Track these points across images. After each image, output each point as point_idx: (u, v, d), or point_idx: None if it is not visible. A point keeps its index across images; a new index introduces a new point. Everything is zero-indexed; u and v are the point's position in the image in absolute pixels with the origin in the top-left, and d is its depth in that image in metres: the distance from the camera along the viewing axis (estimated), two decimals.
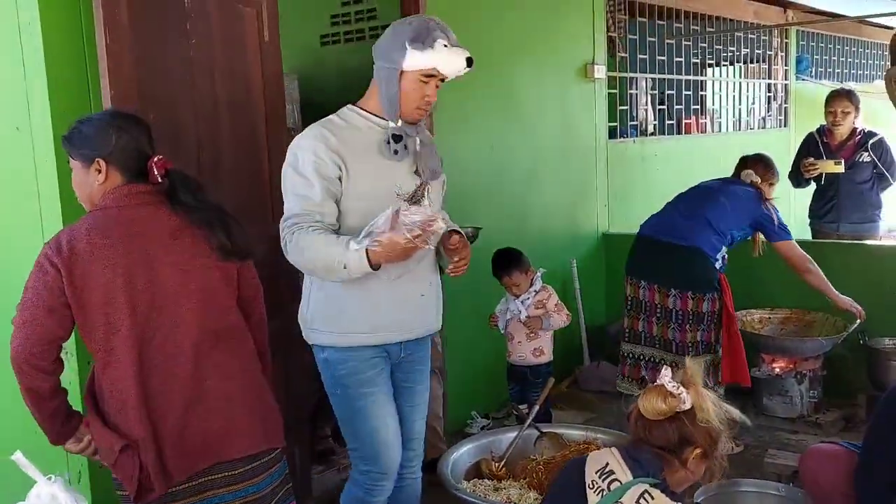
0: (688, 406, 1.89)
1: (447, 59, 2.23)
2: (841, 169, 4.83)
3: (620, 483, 1.85)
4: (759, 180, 3.91)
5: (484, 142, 4.37)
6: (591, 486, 1.89)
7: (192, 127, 2.68)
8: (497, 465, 3.04)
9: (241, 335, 2.11)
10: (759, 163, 4.00)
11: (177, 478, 1.95)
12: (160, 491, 1.93)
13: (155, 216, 1.99)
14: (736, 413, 2.00)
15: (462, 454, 2.98)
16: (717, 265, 3.75)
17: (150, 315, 1.94)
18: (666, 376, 1.90)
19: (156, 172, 2.00)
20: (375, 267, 2.10)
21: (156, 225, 1.98)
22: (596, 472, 1.90)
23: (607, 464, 1.91)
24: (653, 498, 1.81)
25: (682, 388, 1.89)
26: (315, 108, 4.26)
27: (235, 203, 2.40)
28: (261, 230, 2.62)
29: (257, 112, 2.93)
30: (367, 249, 2.06)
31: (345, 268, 2.10)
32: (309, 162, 2.23)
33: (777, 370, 4.07)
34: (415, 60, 2.22)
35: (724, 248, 3.79)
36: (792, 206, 7.23)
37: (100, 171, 1.99)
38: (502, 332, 3.76)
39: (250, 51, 2.91)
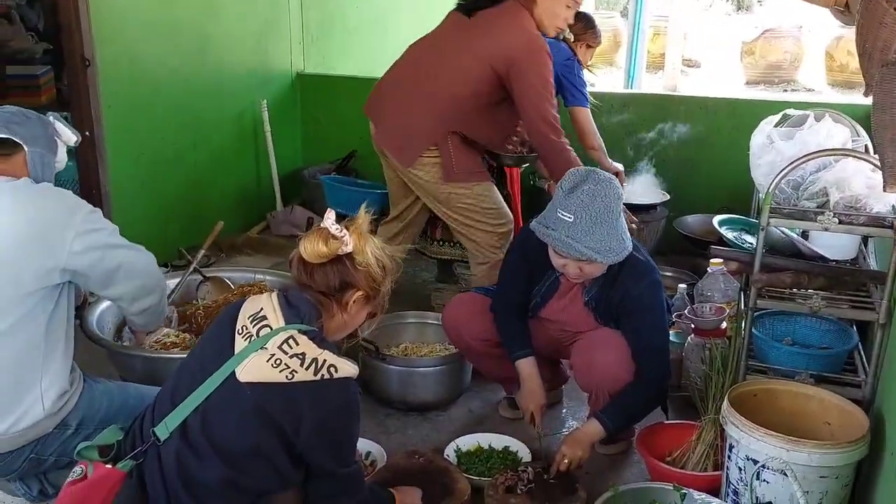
0: (349, 249, 1.81)
1: None
2: None
3: (271, 329, 1.76)
4: (571, 37, 3.70)
5: None
6: (240, 331, 1.78)
7: None
8: None
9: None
10: (578, 21, 3.53)
11: None
12: None
13: None
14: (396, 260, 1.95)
15: (110, 306, 2.73)
16: None
17: None
18: (329, 219, 1.82)
19: None
20: None
21: None
22: (248, 318, 1.80)
23: (261, 309, 1.81)
24: (297, 344, 1.74)
25: (344, 231, 1.81)
26: None
27: None
28: None
29: None
30: None
31: None
32: None
33: None
34: None
35: None
36: None
37: None
38: None
39: None
